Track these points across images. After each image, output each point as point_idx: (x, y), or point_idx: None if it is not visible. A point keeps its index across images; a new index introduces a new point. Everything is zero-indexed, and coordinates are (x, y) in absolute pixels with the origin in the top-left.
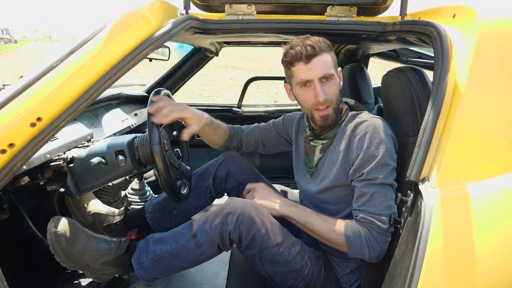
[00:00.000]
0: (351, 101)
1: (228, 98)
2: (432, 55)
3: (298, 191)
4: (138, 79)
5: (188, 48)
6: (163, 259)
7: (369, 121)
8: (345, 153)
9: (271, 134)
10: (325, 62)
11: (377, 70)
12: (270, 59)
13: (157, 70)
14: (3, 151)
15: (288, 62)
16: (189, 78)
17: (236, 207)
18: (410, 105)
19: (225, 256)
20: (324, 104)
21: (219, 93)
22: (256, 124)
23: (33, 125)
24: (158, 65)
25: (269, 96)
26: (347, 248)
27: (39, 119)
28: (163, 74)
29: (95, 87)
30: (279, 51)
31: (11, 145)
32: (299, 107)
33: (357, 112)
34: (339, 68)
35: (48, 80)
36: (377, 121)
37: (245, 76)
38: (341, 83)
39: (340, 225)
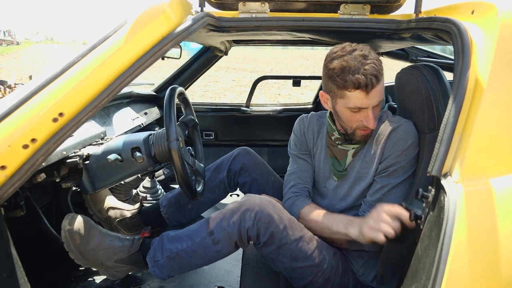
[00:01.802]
0: None
1: (230, 98)
2: (442, 54)
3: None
4: (143, 80)
5: (189, 49)
6: (179, 257)
7: (404, 126)
8: (380, 154)
9: (309, 162)
10: (382, 89)
11: None
12: (271, 60)
13: (159, 72)
14: (26, 146)
15: (343, 85)
16: (197, 78)
17: (254, 204)
18: (427, 102)
19: (239, 253)
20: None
21: (221, 94)
22: (294, 170)
23: (55, 120)
24: (159, 66)
25: (271, 97)
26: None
27: (61, 114)
28: (166, 73)
29: (117, 82)
30: (280, 53)
31: (33, 140)
32: (304, 106)
33: (381, 114)
34: None
35: (70, 75)
36: (410, 126)
37: (247, 77)
38: None
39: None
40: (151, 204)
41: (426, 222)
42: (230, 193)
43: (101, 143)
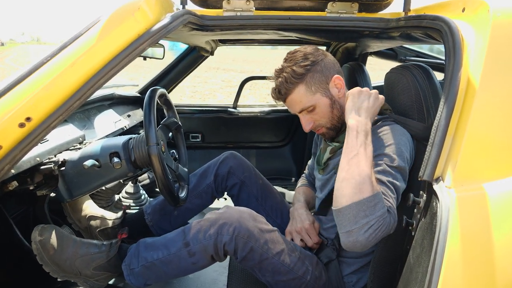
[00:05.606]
0: None
1: (220, 99)
2: (431, 54)
3: (294, 192)
4: (130, 81)
5: (177, 49)
6: (154, 266)
7: (387, 127)
8: None
9: None
10: (298, 98)
11: (369, 71)
12: (261, 60)
13: (148, 72)
14: None
15: None
16: (183, 78)
17: (232, 218)
18: (417, 103)
19: (225, 261)
20: (314, 130)
21: (210, 95)
22: (308, 163)
23: (21, 125)
24: (149, 67)
25: (261, 98)
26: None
27: (28, 119)
28: (155, 75)
29: (89, 84)
30: (270, 53)
31: None
32: None
33: (380, 118)
34: (336, 76)
35: (38, 77)
36: (396, 126)
37: (237, 78)
38: (342, 90)
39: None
40: (134, 212)
41: (418, 229)
42: (217, 198)
43: (79, 148)
